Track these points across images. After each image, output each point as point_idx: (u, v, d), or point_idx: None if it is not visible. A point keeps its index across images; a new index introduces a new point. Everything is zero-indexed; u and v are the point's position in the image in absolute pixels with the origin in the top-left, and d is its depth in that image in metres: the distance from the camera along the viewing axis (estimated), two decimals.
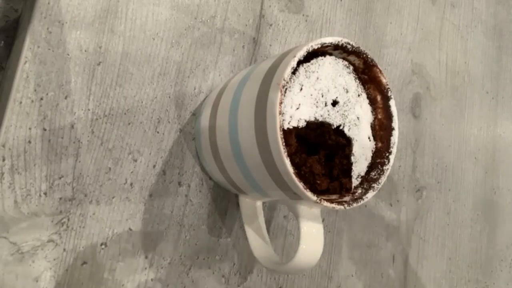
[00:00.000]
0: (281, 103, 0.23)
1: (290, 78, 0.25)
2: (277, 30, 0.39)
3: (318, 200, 0.23)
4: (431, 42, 0.52)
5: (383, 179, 0.27)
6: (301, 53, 0.24)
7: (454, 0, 0.56)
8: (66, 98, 0.28)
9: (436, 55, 0.53)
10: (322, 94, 0.26)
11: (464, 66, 0.56)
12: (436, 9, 0.54)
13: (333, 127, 0.27)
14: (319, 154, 0.27)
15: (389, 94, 0.28)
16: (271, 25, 0.38)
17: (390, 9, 0.48)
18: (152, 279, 0.31)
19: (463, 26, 0.57)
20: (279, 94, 0.22)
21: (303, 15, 0.40)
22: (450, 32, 0.55)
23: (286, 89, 0.24)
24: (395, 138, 0.28)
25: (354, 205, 0.25)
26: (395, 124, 0.28)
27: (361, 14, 0.45)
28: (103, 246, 0.29)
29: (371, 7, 0.46)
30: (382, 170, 0.27)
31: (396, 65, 0.48)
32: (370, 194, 0.26)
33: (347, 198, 0.26)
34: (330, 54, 0.28)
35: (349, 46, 0.26)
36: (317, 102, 0.26)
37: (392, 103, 0.28)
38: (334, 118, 0.27)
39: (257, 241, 0.31)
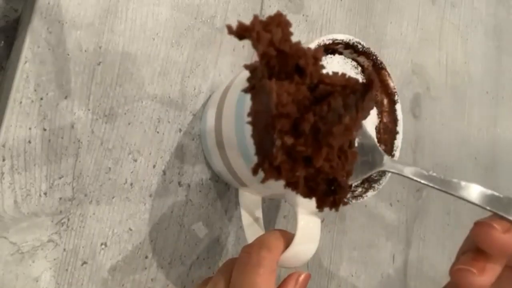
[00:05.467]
0: None
1: None
2: None
3: None
4: (431, 42, 0.52)
5: (384, 181, 0.27)
6: (312, 46, 0.24)
7: (454, 0, 0.56)
8: (66, 98, 0.28)
9: (436, 55, 0.53)
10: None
11: (464, 66, 0.56)
12: (436, 9, 0.54)
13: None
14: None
15: (396, 98, 0.28)
16: None
17: (390, 9, 0.48)
18: (152, 279, 0.31)
19: (463, 26, 0.57)
20: None
21: (303, 15, 0.40)
22: (450, 32, 0.55)
23: None
24: (398, 141, 0.28)
25: (353, 202, 0.25)
26: (400, 128, 0.28)
27: (361, 14, 0.45)
28: (103, 246, 0.29)
29: (371, 7, 0.46)
30: (384, 173, 0.28)
31: (396, 65, 0.48)
32: (370, 194, 0.26)
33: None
34: (340, 54, 0.28)
35: (359, 46, 0.27)
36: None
37: (398, 107, 0.28)
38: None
39: (253, 231, 0.31)
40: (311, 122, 0.16)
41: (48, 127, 0.28)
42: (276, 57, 0.17)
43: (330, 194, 0.18)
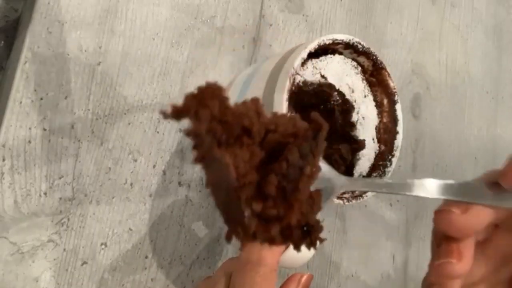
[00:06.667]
0: (287, 100, 0.23)
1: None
2: (277, 30, 0.39)
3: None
4: (431, 42, 0.52)
5: None
6: (312, 46, 0.24)
7: (454, 0, 0.56)
8: (66, 98, 0.28)
9: (436, 55, 0.53)
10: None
11: (464, 66, 0.56)
12: (436, 9, 0.54)
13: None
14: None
15: (396, 98, 0.28)
16: (271, 25, 0.38)
17: (390, 9, 0.48)
18: (152, 279, 0.31)
19: (463, 26, 0.57)
20: (287, 87, 0.23)
21: (303, 15, 0.40)
22: (450, 32, 0.55)
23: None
24: (398, 141, 0.28)
25: (353, 201, 0.25)
26: (400, 128, 0.28)
27: (361, 14, 0.45)
28: (103, 246, 0.29)
29: (371, 7, 0.46)
30: (384, 172, 0.28)
31: (396, 65, 0.48)
32: (370, 194, 0.26)
33: (347, 195, 0.26)
34: (340, 53, 0.28)
35: (359, 46, 0.27)
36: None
37: (398, 107, 0.28)
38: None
39: None
40: (275, 184, 0.16)
41: (48, 127, 0.28)
42: (221, 127, 0.16)
43: (305, 236, 0.18)
